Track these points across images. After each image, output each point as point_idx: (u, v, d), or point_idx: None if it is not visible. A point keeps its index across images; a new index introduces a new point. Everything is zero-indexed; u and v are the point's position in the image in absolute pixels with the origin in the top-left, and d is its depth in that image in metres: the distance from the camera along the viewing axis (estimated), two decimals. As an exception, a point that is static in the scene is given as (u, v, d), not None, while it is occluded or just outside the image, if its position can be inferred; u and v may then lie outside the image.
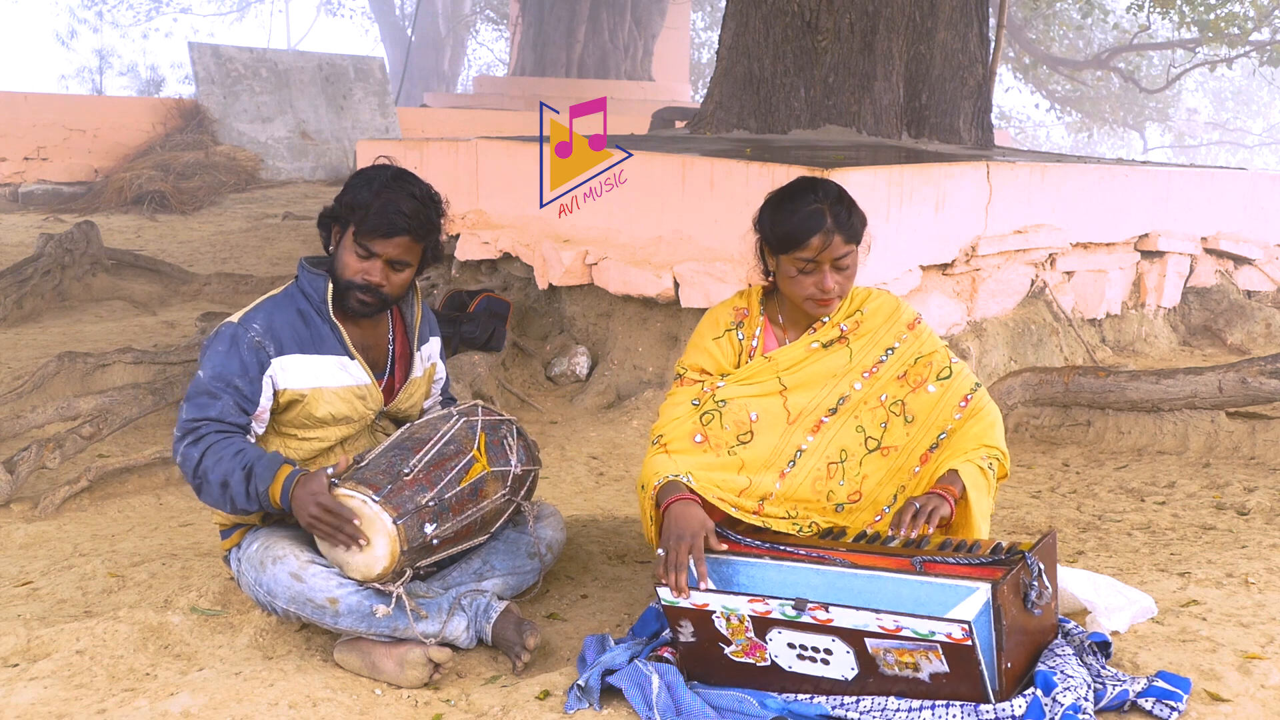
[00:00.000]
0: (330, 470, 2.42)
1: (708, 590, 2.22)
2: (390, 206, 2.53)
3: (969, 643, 1.97)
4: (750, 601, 2.14)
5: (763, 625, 2.14)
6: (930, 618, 2.00)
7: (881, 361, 2.67)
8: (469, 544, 2.60)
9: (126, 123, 12.38)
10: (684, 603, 2.21)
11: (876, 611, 2.04)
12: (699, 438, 2.61)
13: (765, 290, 2.76)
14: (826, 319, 2.68)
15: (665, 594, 2.23)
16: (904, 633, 2.02)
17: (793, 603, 2.10)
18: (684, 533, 2.34)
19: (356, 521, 2.36)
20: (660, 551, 2.33)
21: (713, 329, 2.74)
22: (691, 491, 2.48)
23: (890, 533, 2.43)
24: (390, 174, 2.61)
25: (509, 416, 2.79)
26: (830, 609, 2.07)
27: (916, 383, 2.67)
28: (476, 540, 2.62)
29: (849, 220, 2.56)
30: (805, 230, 2.54)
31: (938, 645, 2.00)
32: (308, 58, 14.00)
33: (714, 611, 2.18)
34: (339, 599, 2.41)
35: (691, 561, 2.29)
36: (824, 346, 2.67)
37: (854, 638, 2.07)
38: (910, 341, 2.69)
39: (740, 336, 2.72)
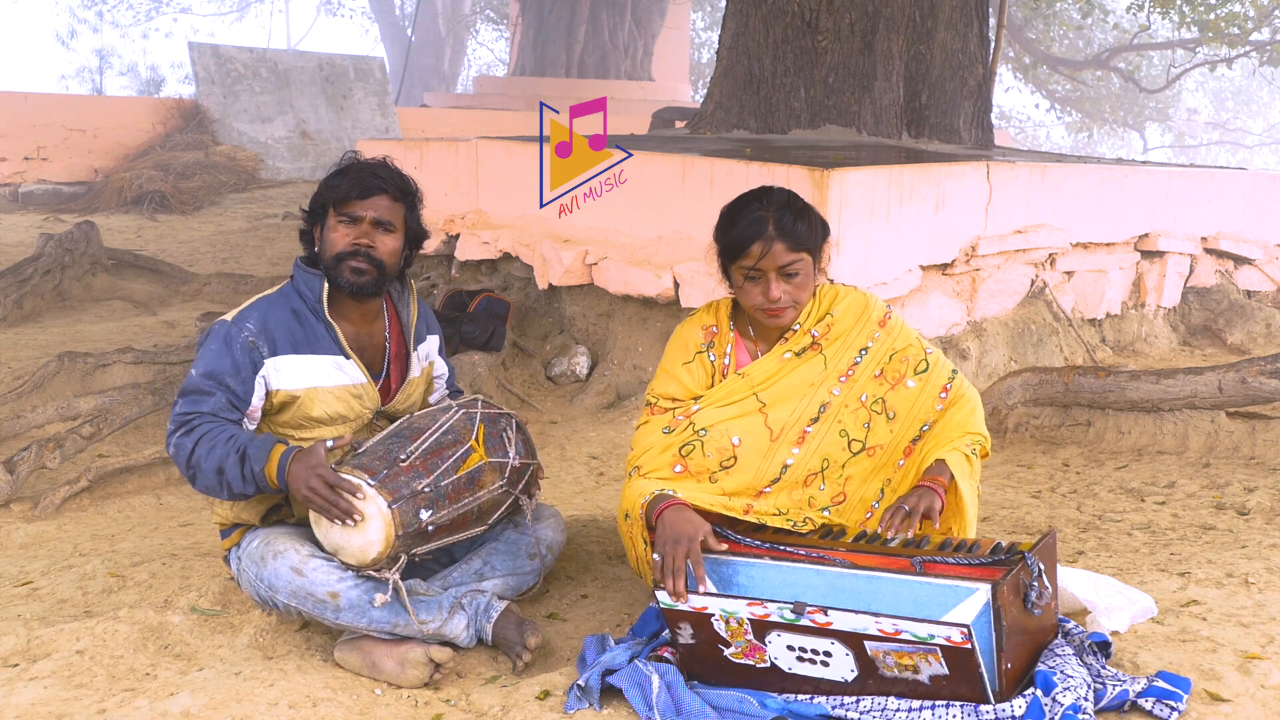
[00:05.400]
0: (330, 443, 2.42)
1: (706, 594, 2.22)
2: (363, 172, 2.62)
3: (968, 646, 1.97)
4: (749, 605, 2.14)
5: (761, 628, 2.14)
6: (929, 621, 2.00)
7: (856, 363, 2.63)
8: (465, 534, 2.60)
9: (126, 123, 12.39)
10: (682, 606, 2.20)
11: (875, 615, 2.04)
12: (679, 468, 2.56)
13: (735, 302, 2.69)
14: (798, 326, 2.63)
15: (664, 598, 2.22)
16: (903, 635, 2.01)
17: (791, 606, 2.09)
18: (680, 536, 2.31)
19: (359, 496, 2.36)
20: (656, 556, 2.31)
21: (682, 353, 2.68)
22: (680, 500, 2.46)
23: (882, 531, 2.42)
24: (355, 158, 2.69)
25: (508, 411, 2.79)
26: (829, 612, 2.06)
27: (895, 379, 2.64)
28: (473, 531, 2.61)
29: (793, 227, 2.50)
30: (746, 238, 2.50)
31: (937, 648, 2.00)
32: (308, 58, 14.00)
33: (712, 615, 2.17)
34: (340, 593, 2.41)
35: (689, 565, 2.27)
36: (797, 355, 2.63)
37: (853, 640, 2.07)
38: (883, 339, 2.66)
39: (712, 358, 2.66)
